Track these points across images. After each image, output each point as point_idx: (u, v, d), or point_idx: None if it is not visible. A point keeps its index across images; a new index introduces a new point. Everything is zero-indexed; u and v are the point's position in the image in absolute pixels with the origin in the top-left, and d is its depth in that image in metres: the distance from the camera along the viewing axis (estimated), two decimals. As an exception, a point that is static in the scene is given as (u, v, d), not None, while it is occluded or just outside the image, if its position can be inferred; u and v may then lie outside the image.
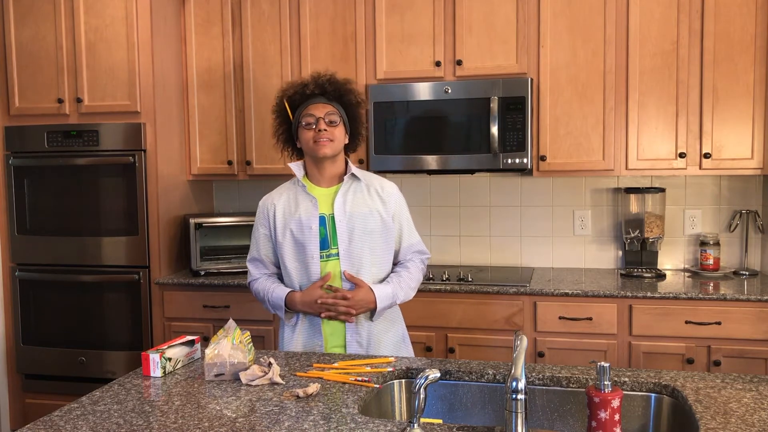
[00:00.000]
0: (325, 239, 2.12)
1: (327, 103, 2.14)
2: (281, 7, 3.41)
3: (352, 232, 2.11)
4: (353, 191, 2.16)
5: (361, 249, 2.12)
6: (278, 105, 2.21)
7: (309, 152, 2.14)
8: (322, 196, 2.16)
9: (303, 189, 2.17)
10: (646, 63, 3.07)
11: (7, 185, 3.43)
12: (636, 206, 3.30)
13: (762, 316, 2.74)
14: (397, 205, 2.21)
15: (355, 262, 2.11)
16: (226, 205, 3.93)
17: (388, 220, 2.17)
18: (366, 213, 2.13)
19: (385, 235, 2.16)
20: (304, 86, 2.16)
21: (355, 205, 2.14)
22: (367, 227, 2.12)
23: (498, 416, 1.74)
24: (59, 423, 1.46)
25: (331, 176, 2.18)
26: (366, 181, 2.20)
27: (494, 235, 3.59)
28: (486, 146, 3.11)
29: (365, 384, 1.67)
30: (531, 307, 2.96)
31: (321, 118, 2.10)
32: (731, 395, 1.57)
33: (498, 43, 3.19)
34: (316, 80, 2.16)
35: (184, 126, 3.56)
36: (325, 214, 2.13)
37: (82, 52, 3.29)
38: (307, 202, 2.15)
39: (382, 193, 2.19)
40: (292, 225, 2.13)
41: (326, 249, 2.12)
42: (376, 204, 2.16)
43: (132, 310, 3.32)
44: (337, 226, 2.11)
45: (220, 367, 1.72)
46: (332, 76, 2.18)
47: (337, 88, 2.17)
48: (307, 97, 2.15)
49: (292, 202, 2.17)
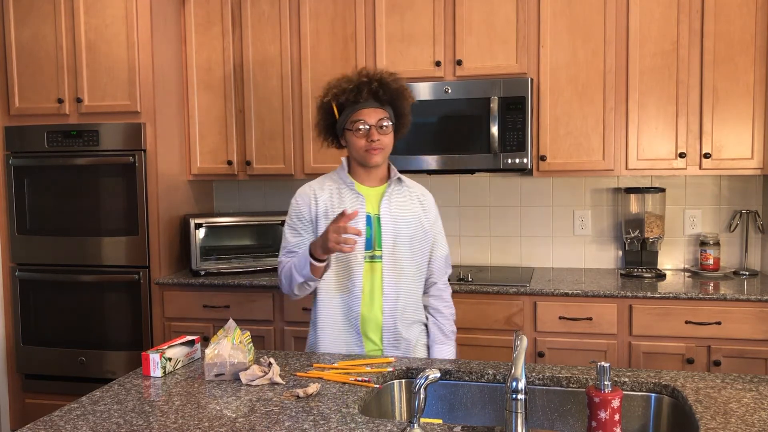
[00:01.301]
0: (370, 240, 2.07)
1: (379, 107, 2.05)
2: (281, 7, 3.41)
3: (396, 236, 2.07)
4: (397, 194, 2.13)
5: (403, 253, 2.08)
6: (323, 105, 2.11)
7: (359, 159, 2.08)
8: (368, 196, 2.11)
9: (350, 185, 2.10)
10: (646, 63, 3.07)
11: (7, 185, 3.43)
12: (636, 206, 3.30)
13: (762, 316, 2.74)
14: (435, 215, 2.20)
15: (397, 266, 2.08)
16: (226, 205, 3.93)
17: (427, 228, 2.15)
18: (409, 218, 2.11)
19: (425, 242, 2.14)
20: (356, 92, 2.04)
21: (399, 208, 2.10)
22: (411, 232, 2.09)
23: (498, 416, 1.74)
24: (59, 423, 1.46)
25: (378, 177, 2.13)
26: (408, 185, 2.17)
27: (494, 235, 3.59)
28: (486, 146, 3.11)
29: (365, 384, 1.67)
30: (531, 307, 2.96)
31: (373, 126, 2.03)
32: (731, 395, 1.57)
33: (498, 43, 3.19)
34: (369, 85, 2.04)
35: (184, 126, 3.56)
36: (371, 214, 2.09)
37: (82, 51, 3.29)
38: (353, 198, 2.09)
39: (423, 201, 2.17)
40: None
41: (370, 250, 2.07)
42: (417, 210, 2.14)
43: (132, 310, 3.32)
44: (382, 227, 2.07)
45: (220, 367, 1.72)
46: (383, 80, 2.06)
47: (390, 93, 2.06)
48: (359, 101, 2.04)
49: (335, 197, 2.10)
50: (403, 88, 2.11)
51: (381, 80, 2.05)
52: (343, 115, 2.07)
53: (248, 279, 3.25)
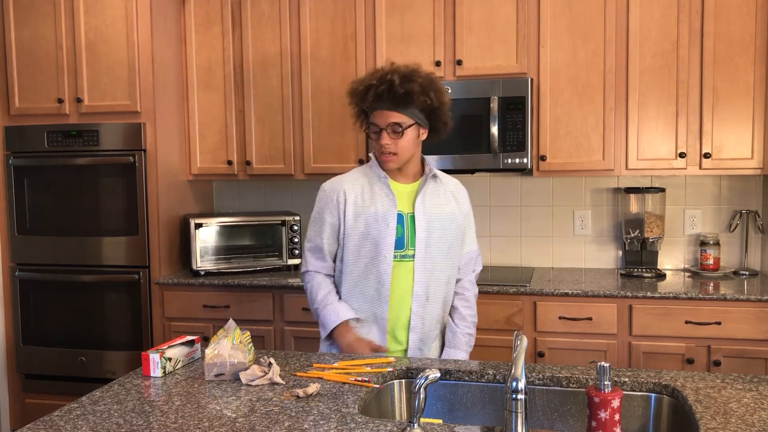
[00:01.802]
0: (402, 238, 2.02)
1: (392, 109, 1.97)
2: (281, 7, 3.41)
3: (430, 234, 2.03)
4: (432, 191, 2.08)
5: (437, 252, 2.04)
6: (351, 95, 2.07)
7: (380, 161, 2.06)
8: (401, 193, 2.06)
9: (383, 181, 2.05)
10: (646, 63, 3.07)
11: (7, 185, 3.43)
12: (636, 206, 3.30)
13: (762, 316, 2.74)
14: (468, 210, 2.17)
15: (429, 266, 2.04)
16: (226, 205, 3.93)
17: (462, 224, 2.12)
18: (444, 216, 2.06)
19: (459, 240, 2.11)
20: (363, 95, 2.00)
21: (434, 206, 2.06)
22: (445, 231, 2.06)
23: (498, 416, 1.74)
24: (59, 423, 1.46)
25: (409, 174, 2.08)
26: (445, 182, 2.13)
27: (494, 235, 3.59)
28: (486, 146, 3.11)
29: (365, 384, 1.67)
30: (531, 307, 2.96)
31: (384, 130, 1.98)
32: (731, 395, 1.57)
33: (498, 43, 3.19)
34: (376, 89, 1.97)
35: (184, 126, 3.56)
36: (404, 212, 2.04)
37: (82, 51, 3.29)
38: (384, 195, 2.04)
39: (458, 196, 2.13)
40: (368, 218, 2.01)
41: (402, 249, 2.02)
42: (452, 207, 2.10)
43: (132, 310, 3.32)
44: (416, 226, 2.02)
45: (220, 367, 1.72)
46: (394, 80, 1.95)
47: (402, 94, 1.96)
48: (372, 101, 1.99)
49: (367, 193, 2.05)
50: (428, 86, 1.99)
51: (391, 83, 1.96)
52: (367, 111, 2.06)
53: (248, 279, 3.25)
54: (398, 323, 2.06)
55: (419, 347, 2.07)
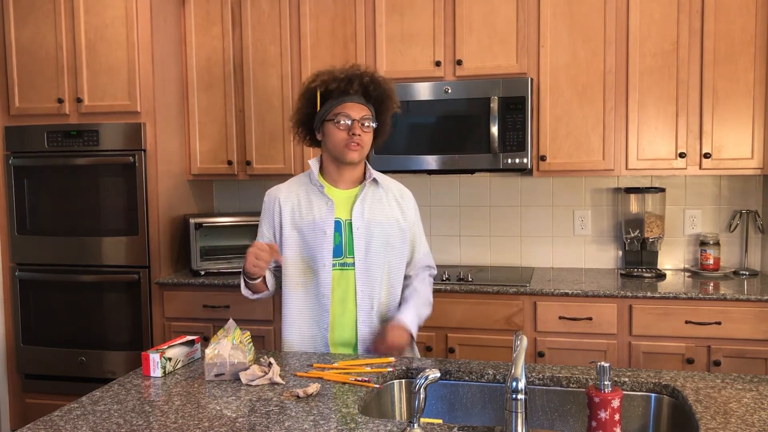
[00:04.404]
0: (340, 246, 1.98)
1: (364, 104, 1.99)
2: (281, 7, 3.41)
3: (370, 241, 1.99)
4: (372, 197, 2.03)
5: (378, 259, 2.00)
6: (309, 91, 2.02)
7: (335, 153, 1.99)
8: (339, 199, 2.01)
9: (320, 189, 2.02)
10: (646, 63, 3.07)
11: (7, 185, 3.43)
12: (636, 206, 3.30)
13: (762, 316, 2.74)
14: (414, 215, 2.12)
15: (371, 273, 1.99)
16: (226, 205, 3.93)
17: (405, 229, 2.07)
18: (385, 222, 2.01)
19: (402, 246, 2.06)
20: (348, 82, 1.97)
21: (374, 212, 2.01)
22: (386, 237, 2.01)
23: (498, 416, 1.74)
24: (59, 423, 1.46)
25: (351, 179, 2.04)
26: (385, 186, 2.08)
27: (494, 235, 3.59)
28: (486, 146, 3.11)
29: (365, 384, 1.67)
30: (531, 307, 2.96)
31: (356, 121, 1.96)
32: (731, 395, 1.57)
33: (498, 43, 3.19)
34: (361, 78, 1.98)
35: (184, 126, 3.56)
36: (342, 219, 2.00)
37: (82, 52, 3.29)
38: (321, 203, 2.00)
39: (401, 201, 2.08)
40: (303, 227, 1.99)
41: (340, 257, 1.98)
42: (394, 212, 2.05)
43: (132, 310, 3.32)
44: (354, 234, 1.98)
45: (220, 367, 1.72)
46: (375, 76, 2.01)
47: (380, 92, 2.01)
48: (348, 93, 1.98)
49: (303, 201, 2.02)
50: (392, 90, 2.06)
51: (373, 78, 2.00)
52: (326, 105, 1.99)
53: (248, 279, 3.24)
54: (343, 334, 2.01)
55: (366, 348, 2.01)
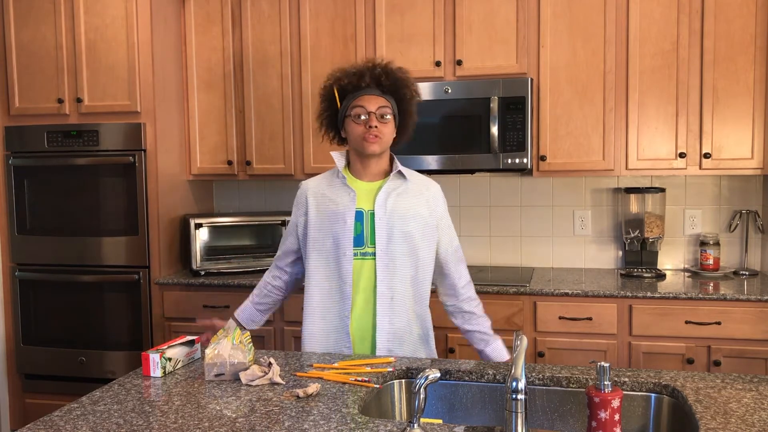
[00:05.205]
0: (361, 236, 2.00)
1: (380, 95, 2.01)
2: (281, 7, 3.41)
3: (391, 232, 1.99)
4: (397, 189, 2.04)
5: (399, 250, 2.01)
6: (327, 90, 2.07)
7: (356, 147, 2.02)
8: (363, 191, 2.04)
9: (343, 181, 2.05)
10: (646, 63, 3.07)
11: (7, 185, 3.43)
12: (636, 206, 3.30)
13: (762, 316, 2.74)
14: (441, 208, 2.13)
15: (391, 264, 2.00)
16: (226, 205, 3.93)
17: (430, 223, 2.07)
18: (408, 214, 2.02)
19: (426, 239, 2.06)
20: (359, 77, 2.00)
21: (397, 203, 2.02)
22: (407, 228, 2.01)
23: (498, 416, 1.74)
24: (59, 423, 1.46)
25: (376, 172, 2.06)
26: (412, 180, 2.09)
27: (494, 235, 3.59)
28: (486, 146, 3.11)
29: (365, 384, 1.67)
30: (531, 307, 2.96)
31: (373, 113, 1.98)
32: (731, 395, 1.57)
33: (498, 43, 3.19)
34: (372, 71, 2.01)
35: (184, 126, 3.56)
36: (364, 210, 2.02)
37: (82, 52, 3.29)
38: (344, 194, 2.03)
39: (427, 194, 2.09)
40: (326, 216, 2.03)
41: (361, 246, 2.00)
42: (419, 205, 2.06)
43: (132, 310, 3.32)
44: (376, 224, 1.99)
45: (220, 367, 1.72)
46: (388, 66, 2.03)
47: (393, 81, 2.02)
48: (361, 87, 2.01)
49: (327, 192, 2.06)
50: (407, 79, 2.06)
51: (386, 68, 2.02)
52: (344, 102, 2.03)
53: (248, 279, 3.25)
54: (363, 323, 2.02)
55: (388, 348, 2.01)
